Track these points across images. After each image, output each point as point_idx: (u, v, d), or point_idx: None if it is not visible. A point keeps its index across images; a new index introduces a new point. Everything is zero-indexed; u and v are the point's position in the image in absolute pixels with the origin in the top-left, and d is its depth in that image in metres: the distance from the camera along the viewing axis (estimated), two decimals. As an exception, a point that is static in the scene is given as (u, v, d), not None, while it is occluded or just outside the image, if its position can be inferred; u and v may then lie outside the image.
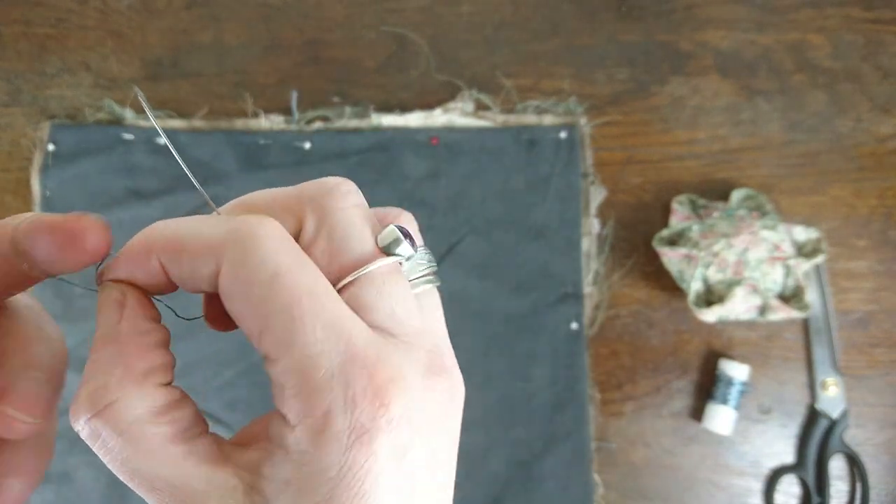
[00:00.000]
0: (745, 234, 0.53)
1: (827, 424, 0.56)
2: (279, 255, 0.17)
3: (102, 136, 0.59)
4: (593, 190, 0.59)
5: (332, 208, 0.20)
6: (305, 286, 0.17)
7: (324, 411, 0.17)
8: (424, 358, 0.19)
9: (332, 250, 0.19)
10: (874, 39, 0.62)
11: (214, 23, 0.62)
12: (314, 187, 0.20)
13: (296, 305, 0.17)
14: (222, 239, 0.18)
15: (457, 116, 0.60)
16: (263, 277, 0.17)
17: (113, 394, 0.18)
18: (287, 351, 0.17)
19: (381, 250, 0.19)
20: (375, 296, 0.19)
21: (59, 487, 0.55)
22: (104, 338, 0.19)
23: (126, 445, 0.18)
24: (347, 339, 0.17)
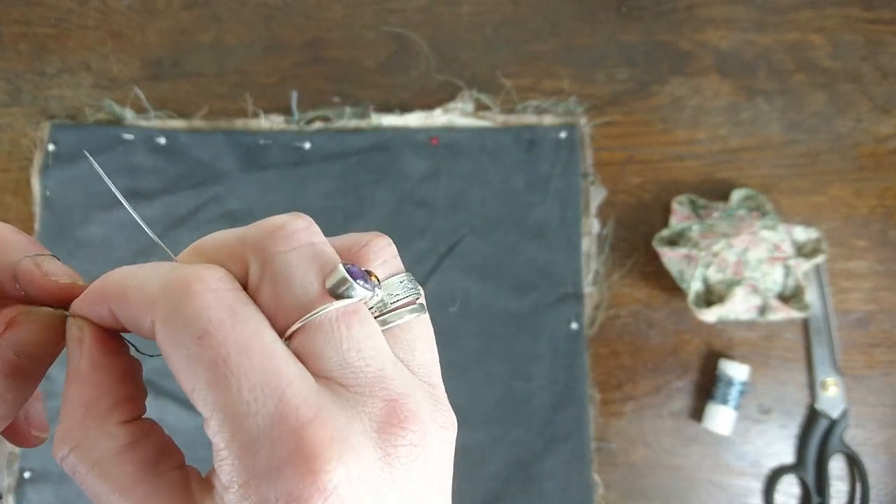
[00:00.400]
0: (745, 234, 0.53)
1: (827, 424, 0.56)
2: (210, 310, 0.17)
3: (102, 137, 0.59)
4: (593, 190, 0.59)
5: (272, 253, 0.18)
6: (235, 343, 0.16)
7: (248, 478, 0.16)
8: (380, 409, 0.17)
9: (276, 297, 0.18)
10: (874, 39, 0.62)
11: (214, 23, 0.62)
12: (256, 230, 0.19)
13: (222, 365, 0.16)
14: (156, 295, 0.17)
15: (457, 116, 0.60)
16: (190, 337, 0.16)
17: (77, 435, 0.18)
18: (215, 412, 0.16)
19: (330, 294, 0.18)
20: (323, 343, 0.18)
21: (59, 487, 0.55)
22: (69, 376, 0.19)
23: (97, 482, 0.18)
24: (280, 396, 0.16)
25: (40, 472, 0.55)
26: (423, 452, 0.17)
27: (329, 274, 0.18)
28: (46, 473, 0.55)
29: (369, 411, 0.17)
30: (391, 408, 0.17)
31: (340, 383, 0.17)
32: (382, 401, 0.17)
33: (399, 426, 0.17)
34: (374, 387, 0.17)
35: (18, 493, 0.54)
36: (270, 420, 0.16)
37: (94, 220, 0.58)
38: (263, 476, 0.16)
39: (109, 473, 0.18)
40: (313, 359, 0.18)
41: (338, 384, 0.17)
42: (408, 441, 0.17)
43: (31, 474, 0.55)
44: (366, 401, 0.17)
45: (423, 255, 0.58)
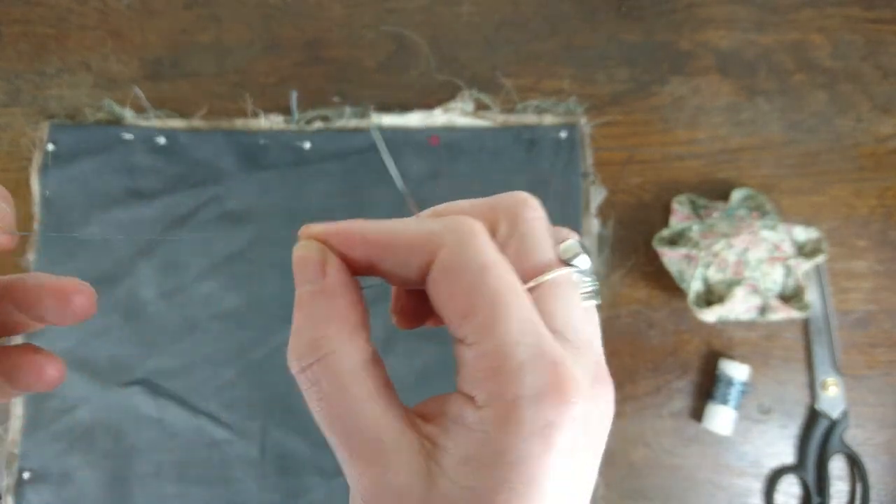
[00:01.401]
0: (745, 234, 0.53)
1: (827, 424, 0.56)
2: (487, 252, 0.19)
3: (102, 136, 0.59)
4: (593, 190, 0.59)
5: (522, 217, 0.21)
6: (508, 282, 0.19)
7: (513, 397, 0.18)
8: (593, 366, 0.20)
9: (520, 254, 0.20)
10: (874, 39, 0.62)
11: (214, 23, 0.62)
12: (508, 198, 0.22)
13: (500, 297, 0.18)
14: (441, 231, 0.20)
15: (457, 116, 0.60)
16: (475, 267, 0.19)
17: (332, 344, 0.20)
18: (486, 337, 0.18)
19: (561, 261, 0.21)
20: (554, 302, 0.20)
21: (59, 487, 0.54)
22: (307, 296, 0.20)
23: (340, 393, 0.19)
24: (539, 336, 0.18)
25: (39, 472, 0.55)
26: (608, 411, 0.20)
27: (564, 244, 0.21)
28: (46, 474, 0.55)
29: (586, 364, 0.20)
30: (599, 367, 0.20)
31: (565, 338, 0.20)
32: (593, 361, 0.20)
33: (602, 385, 0.20)
34: (587, 346, 0.20)
35: (17, 494, 0.54)
36: (533, 352, 0.18)
37: (94, 220, 0.58)
38: (527, 399, 0.18)
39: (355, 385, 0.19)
40: (544, 313, 0.20)
41: (562, 339, 0.20)
42: (606, 398, 0.20)
43: (31, 475, 0.55)
44: (584, 356, 0.20)
45: (423, 255, 0.58)
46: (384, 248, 0.21)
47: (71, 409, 0.55)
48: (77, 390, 0.55)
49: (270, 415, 0.56)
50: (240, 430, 0.56)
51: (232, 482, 0.55)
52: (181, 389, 0.56)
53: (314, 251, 0.21)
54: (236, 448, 0.55)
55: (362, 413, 0.19)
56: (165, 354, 0.56)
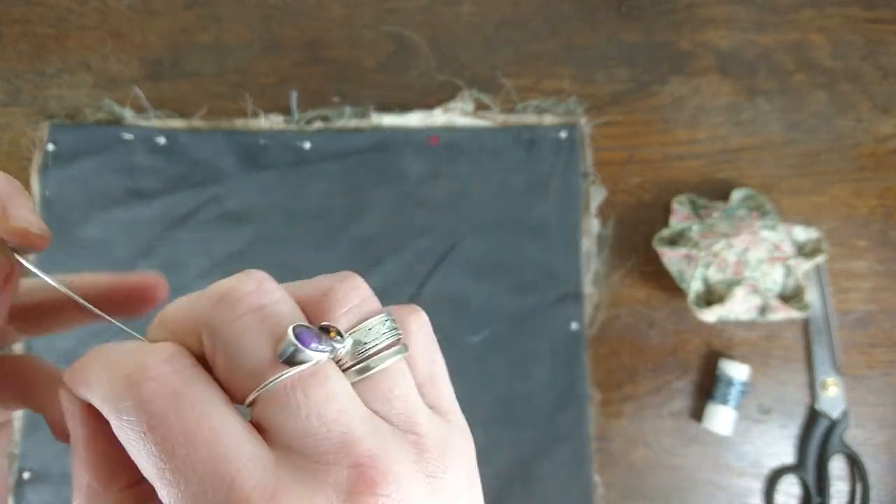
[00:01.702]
0: (745, 234, 0.53)
1: (827, 424, 0.56)
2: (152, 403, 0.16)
3: (102, 136, 0.59)
4: (593, 190, 0.59)
5: (219, 323, 0.17)
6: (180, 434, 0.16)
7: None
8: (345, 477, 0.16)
9: (229, 369, 0.17)
10: (874, 39, 0.62)
11: (214, 23, 0.62)
12: (205, 299, 0.18)
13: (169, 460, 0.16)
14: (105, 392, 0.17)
15: (457, 116, 0.60)
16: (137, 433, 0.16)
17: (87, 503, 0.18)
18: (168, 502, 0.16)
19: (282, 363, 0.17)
20: (280, 414, 0.17)
21: (59, 487, 0.54)
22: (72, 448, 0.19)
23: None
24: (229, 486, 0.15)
25: (39, 472, 0.55)
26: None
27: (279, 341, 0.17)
28: (46, 474, 0.55)
29: (333, 481, 0.16)
30: (358, 474, 0.16)
31: (301, 454, 0.16)
32: (348, 468, 0.16)
33: (368, 493, 0.16)
34: (338, 453, 0.16)
35: (18, 494, 0.54)
36: None
37: (94, 220, 0.58)
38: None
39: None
40: (273, 430, 0.17)
41: (298, 455, 0.16)
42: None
43: (31, 475, 0.55)
44: (329, 470, 0.16)
45: (422, 255, 0.58)
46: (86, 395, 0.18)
47: (71, 409, 0.55)
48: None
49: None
50: (240, 430, 0.55)
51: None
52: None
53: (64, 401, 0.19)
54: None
55: None
56: (165, 354, 0.56)
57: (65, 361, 0.20)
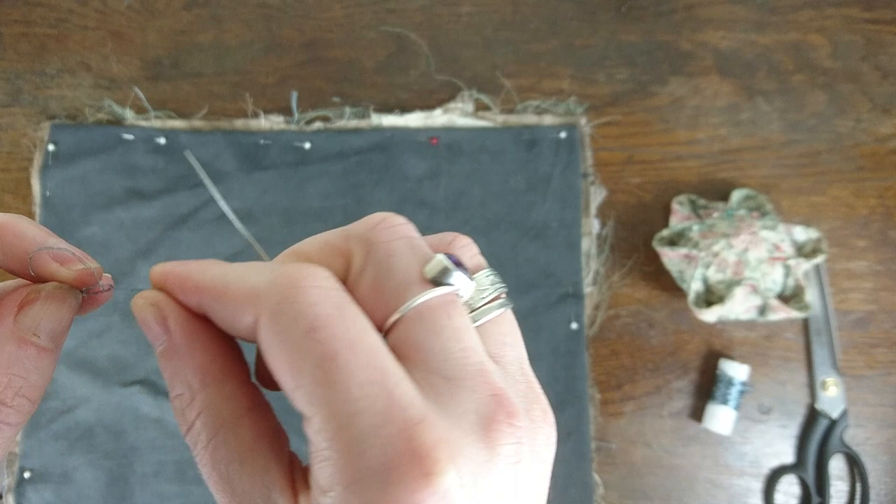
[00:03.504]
0: (745, 234, 0.53)
1: (827, 424, 0.56)
2: (318, 306, 0.16)
3: (102, 137, 0.59)
4: (593, 190, 0.59)
5: (375, 241, 0.18)
6: (344, 339, 0.16)
7: (355, 479, 0.15)
8: (486, 404, 0.16)
9: (377, 286, 0.18)
10: (874, 39, 0.62)
11: (214, 23, 0.62)
12: (360, 224, 0.19)
13: (331, 360, 0.16)
14: (262, 289, 0.17)
15: (457, 116, 0.60)
16: (299, 331, 0.16)
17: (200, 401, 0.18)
18: (320, 410, 0.16)
19: (429, 282, 0.18)
20: (424, 333, 0.17)
21: (59, 487, 0.55)
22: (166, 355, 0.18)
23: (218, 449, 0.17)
24: (388, 396, 0.15)
25: (40, 471, 0.55)
26: (525, 451, 0.17)
27: (429, 262, 0.18)
28: (46, 473, 0.55)
29: (475, 407, 0.16)
30: (497, 402, 0.17)
31: (442, 375, 0.17)
32: (486, 395, 0.17)
33: (505, 422, 0.16)
34: (476, 379, 0.17)
35: (18, 493, 0.54)
36: (379, 419, 0.15)
37: (94, 220, 0.58)
38: (371, 478, 0.15)
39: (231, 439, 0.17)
40: (414, 350, 0.17)
41: (439, 377, 0.17)
42: (514, 439, 0.16)
43: (31, 474, 0.55)
44: (469, 395, 0.16)
45: (423, 255, 0.58)
46: (213, 300, 0.18)
47: (71, 409, 0.55)
48: (77, 390, 0.55)
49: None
50: (240, 429, 0.56)
51: (232, 482, 0.55)
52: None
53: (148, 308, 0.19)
54: (236, 448, 0.55)
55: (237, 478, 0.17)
56: (166, 354, 0.56)
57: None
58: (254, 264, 0.18)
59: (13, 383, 0.19)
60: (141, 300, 0.19)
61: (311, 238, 0.20)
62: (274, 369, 0.17)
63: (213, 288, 0.18)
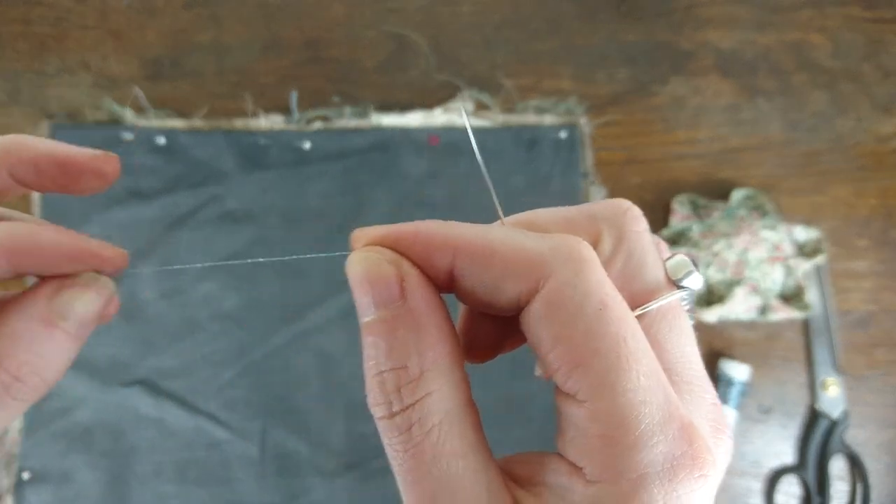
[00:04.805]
0: (746, 234, 0.53)
1: (827, 424, 0.56)
2: (605, 285, 0.16)
3: (102, 136, 0.59)
4: (593, 190, 0.59)
5: (629, 231, 0.18)
6: (629, 325, 0.15)
7: (638, 474, 0.14)
8: (712, 411, 0.16)
9: (627, 275, 0.17)
10: (875, 39, 0.62)
11: (214, 22, 0.62)
12: (609, 207, 0.18)
13: (622, 345, 0.15)
14: (548, 257, 0.16)
15: (457, 116, 0.60)
16: (593, 307, 0.15)
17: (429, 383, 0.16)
18: (603, 394, 0.15)
19: (671, 282, 0.18)
20: (668, 333, 0.17)
21: (59, 487, 0.54)
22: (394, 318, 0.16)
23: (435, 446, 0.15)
24: (665, 389, 0.15)
25: (39, 472, 0.55)
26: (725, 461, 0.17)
27: (671, 260, 0.18)
28: (45, 474, 0.55)
29: (706, 411, 0.16)
30: (716, 410, 0.16)
31: (681, 377, 0.16)
32: (711, 403, 0.17)
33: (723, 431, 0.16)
34: (704, 385, 0.17)
35: (17, 494, 0.54)
36: (662, 414, 0.15)
37: (94, 220, 0.58)
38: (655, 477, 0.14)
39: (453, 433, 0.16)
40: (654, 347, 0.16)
41: (678, 378, 0.16)
42: (723, 448, 0.17)
43: (30, 475, 0.55)
44: (701, 400, 0.16)
45: (423, 255, 0.58)
46: (475, 261, 0.16)
47: (71, 409, 0.55)
48: (77, 390, 0.55)
49: (270, 415, 0.56)
50: (240, 430, 0.55)
51: (232, 482, 0.55)
52: (181, 389, 0.56)
53: (385, 264, 0.16)
54: (236, 448, 0.55)
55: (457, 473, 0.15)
56: (165, 354, 0.56)
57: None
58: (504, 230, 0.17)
59: (31, 361, 0.19)
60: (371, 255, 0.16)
61: (543, 210, 0.19)
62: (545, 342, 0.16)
63: (476, 248, 0.16)
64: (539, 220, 0.18)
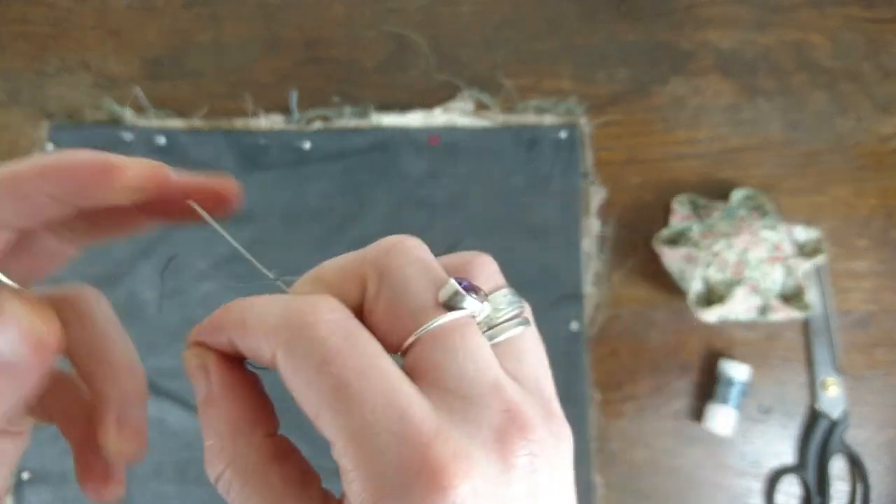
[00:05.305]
0: (746, 234, 0.53)
1: (827, 425, 0.56)
2: (327, 340, 0.17)
3: (102, 136, 0.59)
4: (593, 190, 0.59)
5: (389, 267, 0.19)
6: (354, 368, 0.17)
7: (380, 497, 0.16)
8: (499, 419, 0.17)
9: (392, 310, 0.19)
10: (875, 39, 0.62)
11: (214, 22, 0.62)
12: (374, 248, 0.20)
13: (344, 389, 0.17)
14: (275, 325, 0.18)
15: (457, 116, 0.60)
16: (311, 366, 0.17)
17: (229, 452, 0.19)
18: (340, 435, 0.17)
19: (442, 306, 0.19)
20: (440, 355, 0.18)
21: (58, 488, 0.54)
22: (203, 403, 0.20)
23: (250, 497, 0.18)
24: (401, 416, 0.16)
25: (39, 472, 0.55)
26: (541, 463, 0.17)
27: (442, 287, 0.19)
28: (45, 474, 0.55)
29: (488, 421, 0.17)
30: (509, 416, 0.17)
31: (457, 395, 0.17)
32: (499, 410, 0.17)
33: (517, 435, 0.17)
34: (490, 397, 0.17)
35: (17, 494, 0.54)
36: (395, 439, 0.16)
37: (94, 220, 0.58)
38: (392, 494, 0.16)
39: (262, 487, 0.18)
40: (429, 371, 0.18)
41: (455, 396, 0.17)
42: (527, 451, 0.17)
43: (30, 475, 0.55)
44: (483, 411, 0.17)
45: (423, 255, 0.58)
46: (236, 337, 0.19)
47: (71, 410, 0.55)
48: (77, 390, 0.55)
49: (270, 415, 0.56)
50: (240, 430, 0.55)
51: (232, 482, 0.55)
52: (181, 389, 0.56)
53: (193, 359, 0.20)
54: (236, 448, 0.55)
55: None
56: (165, 354, 0.56)
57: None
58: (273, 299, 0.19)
59: None
60: (188, 352, 0.21)
61: (331, 261, 0.21)
62: (295, 399, 0.18)
63: (234, 326, 0.19)
64: (323, 275, 0.20)
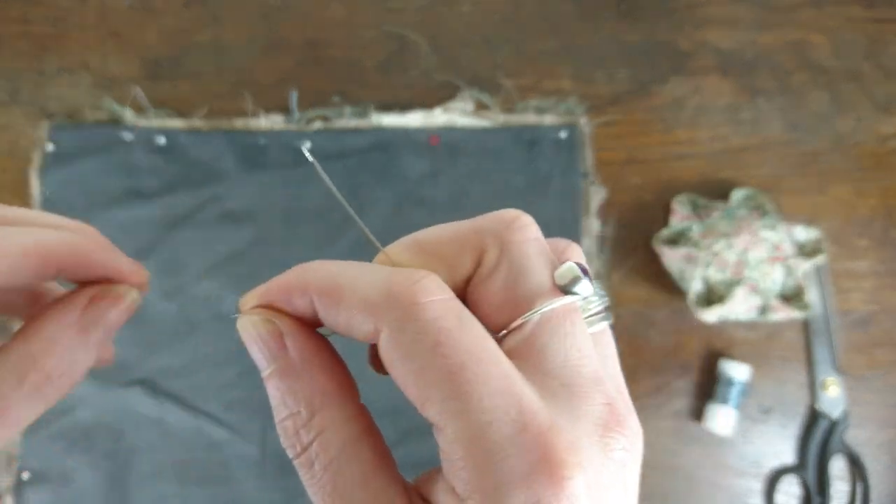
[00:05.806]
0: (746, 234, 0.53)
1: (827, 424, 0.56)
2: (440, 320, 0.16)
3: (102, 136, 0.59)
4: (593, 190, 0.59)
5: (511, 241, 0.18)
6: (469, 352, 0.16)
7: (495, 486, 0.15)
8: (600, 412, 0.17)
9: (509, 285, 0.18)
10: (875, 39, 0.62)
11: (214, 22, 0.62)
12: (493, 220, 0.19)
13: (459, 373, 0.16)
14: (381, 302, 0.17)
15: (457, 116, 0.60)
16: (424, 347, 0.16)
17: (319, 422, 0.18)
18: (453, 420, 0.16)
19: (558, 288, 0.18)
20: (550, 339, 0.17)
21: (59, 488, 0.54)
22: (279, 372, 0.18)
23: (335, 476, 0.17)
24: (518, 405, 0.16)
25: (39, 472, 0.55)
26: (630, 458, 0.17)
27: (559, 268, 0.18)
28: (45, 474, 0.55)
29: (591, 412, 0.17)
30: (610, 410, 0.17)
31: (561, 381, 0.17)
32: (601, 403, 0.17)
33: (616, 429, 0.17)
34: (592, 388, 0.17)
35: (17, 494, 0.54)
36: (513, 428, 0.16)
37: (94, 220, 0.57)
38: (510, 485, 0.15)
39: (353, 460, 0.17)
40: (534, 354, 0.17)
41: (558, 382, 0.17)
42: (622, 445, 0.17)
43: (30, 475, 0.55)
44: (587, 401, 0.17)
45: (423, 255, 0.58)
46: (324, 303, 0.18)
47: (71, 410, 0.55)
48: (77, 390, 0.55)
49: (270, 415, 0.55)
50: (240, 430, 0.55)
51: (232, 482, 0.55)
52: (181, 389, 0.56)
53: (262, 326, 0.19)
54: (236, 448, 0.55)
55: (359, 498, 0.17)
56: (166, 354, 0.56)
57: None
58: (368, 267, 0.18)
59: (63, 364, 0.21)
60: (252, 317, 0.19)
61: (438, 227, 0.19)
62: (399, 381, 0.17)
63: (325, 291, 0.18)
64: (429, 243, 0.19)
